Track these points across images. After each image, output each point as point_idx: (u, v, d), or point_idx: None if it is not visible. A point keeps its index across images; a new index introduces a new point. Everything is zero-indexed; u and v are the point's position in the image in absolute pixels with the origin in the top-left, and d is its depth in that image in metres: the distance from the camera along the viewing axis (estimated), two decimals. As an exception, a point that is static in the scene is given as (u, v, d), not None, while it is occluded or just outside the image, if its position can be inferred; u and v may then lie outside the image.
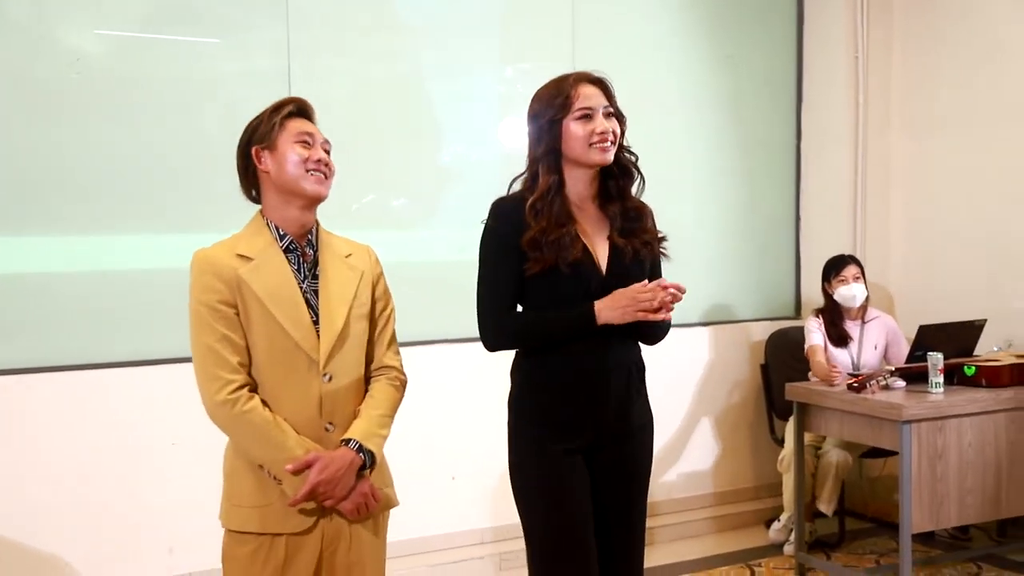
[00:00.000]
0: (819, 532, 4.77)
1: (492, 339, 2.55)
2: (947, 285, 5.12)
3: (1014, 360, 4.27)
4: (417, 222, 4.60)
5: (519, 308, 2.56)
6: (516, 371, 2.60)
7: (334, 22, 4.34)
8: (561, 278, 2.44)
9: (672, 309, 2.45)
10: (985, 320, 4.46)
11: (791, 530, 4.63)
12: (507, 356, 2.62)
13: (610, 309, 2.43)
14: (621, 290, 2.43)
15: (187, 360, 3.97)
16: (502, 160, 4.56)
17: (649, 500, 2.70)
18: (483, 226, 2.54)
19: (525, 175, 2.56)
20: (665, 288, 2.41)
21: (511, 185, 2.58)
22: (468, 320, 2.63)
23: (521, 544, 2.61)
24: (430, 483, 4.46)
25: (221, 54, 4.13)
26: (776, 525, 4.78)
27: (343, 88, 4.38)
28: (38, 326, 3.83)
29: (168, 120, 3.99)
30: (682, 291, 2.44)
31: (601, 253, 2.51)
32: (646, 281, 2.44)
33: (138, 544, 3.92)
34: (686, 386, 5.18)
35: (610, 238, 2.53)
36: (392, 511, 2.44)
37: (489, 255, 2.54)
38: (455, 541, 4.52)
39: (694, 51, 5.23)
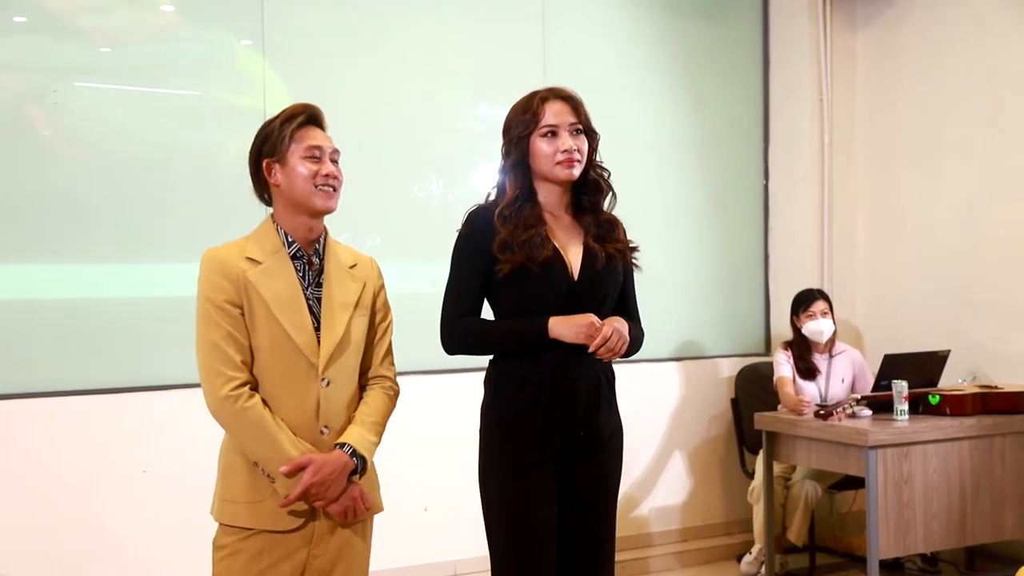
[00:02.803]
0: (790, 565, 4.78)
1: (448, 343, 2.62)
2: (912, 319, 5.20)
3: (977, 390, 4.35)
4: (391, 255, 4.65)
5: (491, 314, 2.62)
6: (487, 379, 2.65)
7: (309, 61, 4.44)
8: (531, 278, 2.50)
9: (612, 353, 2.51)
10: (949, 351, 4.55)
11: (762, 562, 4.65)
12: (480, 384, 2.67)
13: (565, 326, 2.48)
14: (584, 315, 2.48)
15: (162, 388, 4.03)
16: (474, 195, 4.62)
17: (620, 535, 2.73)
18: (456, 234, 2.61)
19: (496, 187, 2.63)
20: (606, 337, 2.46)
21: (488, 196, 2.65)
22: (442, 351, 2.67)
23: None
24: (402, 514, 4.45)
25: (199, 95, 4.23)
26: (747, 557, 4.80)
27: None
28: (16, 353, 3.86)
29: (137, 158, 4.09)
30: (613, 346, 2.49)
31: (573, 258, 2.56)
32: (605, 323, 2.48)
33: (107, 571, 3.91)
34: (657, 421, 5.21)
35: (585, 243, 2.58)
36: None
37: (456, 262, 2.61)
38: (427, 573, 4.51)
39: (664, 94, 5.36)
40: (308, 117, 2.37)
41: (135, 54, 4.11)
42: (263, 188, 2.40)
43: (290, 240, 2.35)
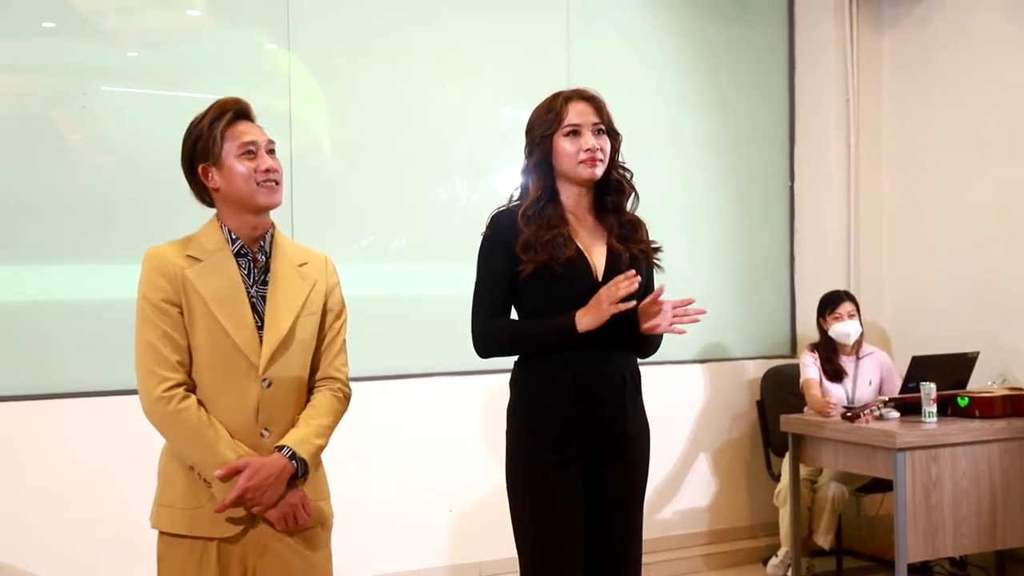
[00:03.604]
0: (817, 569, 4.75)
1: (479, 345, 2.61)
2: (941, 321, 5.16)
3: (1007, 392, 4.31)
4: (416, 256, 4.67)
5: (514, 315, 2.61)
6: (513, 380, 2.65)
7: (334, 63, 4.46)
8: (554, 278, 2.49)
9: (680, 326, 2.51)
10: (978, 352, 4.50)
11: (789, 566, 4.62)
12: (505, 386, 2.66)
13: (588, 314, 2.46)
14: (595, 296, 2.45)
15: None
16: (498, 197, 4.62)
17: (645, 537, 2.70)
18: (481, 237, 2.61)
19: (519, 187, 2.63)
20: (675, 307, 2.48)
21: (511, 198, 2.65)
22: (466, 353, 2.66)
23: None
24: (426, 516, 4.46)
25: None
26: (774, 560, 4.77)
27: (342, 129, 4.48)
28: (39, 354, 3.88)
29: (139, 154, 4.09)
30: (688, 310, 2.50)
31: (597, 259, 2.56)
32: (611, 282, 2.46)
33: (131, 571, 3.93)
34: (682, 423, 5.19)
35: (608, 244, 2.58)
36: (389, 544, 2.40)
37: (482, 264, 2.61)
38: (452, 574, 4.50)
39: (689, 94, 5.34)
40: (236, 112, 2.28)
41: (162, 57, 4.13)
42: (201, 191, 2.32)
43: (234, 237, 2.28)
